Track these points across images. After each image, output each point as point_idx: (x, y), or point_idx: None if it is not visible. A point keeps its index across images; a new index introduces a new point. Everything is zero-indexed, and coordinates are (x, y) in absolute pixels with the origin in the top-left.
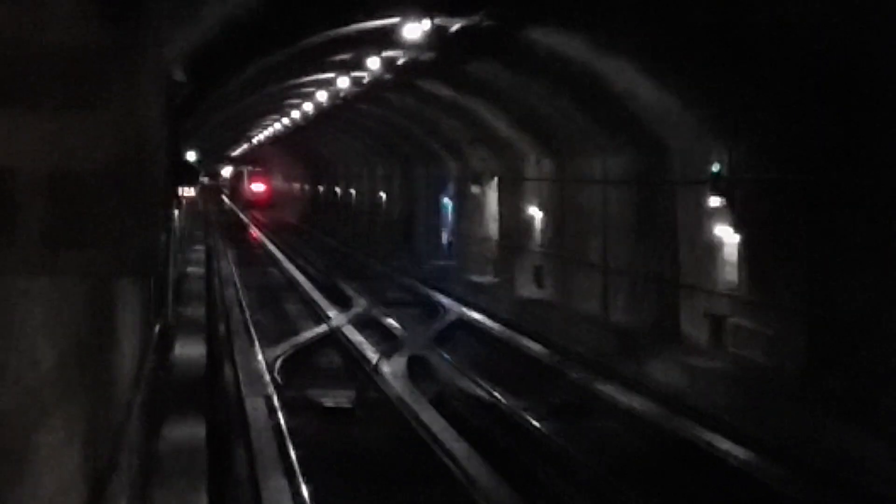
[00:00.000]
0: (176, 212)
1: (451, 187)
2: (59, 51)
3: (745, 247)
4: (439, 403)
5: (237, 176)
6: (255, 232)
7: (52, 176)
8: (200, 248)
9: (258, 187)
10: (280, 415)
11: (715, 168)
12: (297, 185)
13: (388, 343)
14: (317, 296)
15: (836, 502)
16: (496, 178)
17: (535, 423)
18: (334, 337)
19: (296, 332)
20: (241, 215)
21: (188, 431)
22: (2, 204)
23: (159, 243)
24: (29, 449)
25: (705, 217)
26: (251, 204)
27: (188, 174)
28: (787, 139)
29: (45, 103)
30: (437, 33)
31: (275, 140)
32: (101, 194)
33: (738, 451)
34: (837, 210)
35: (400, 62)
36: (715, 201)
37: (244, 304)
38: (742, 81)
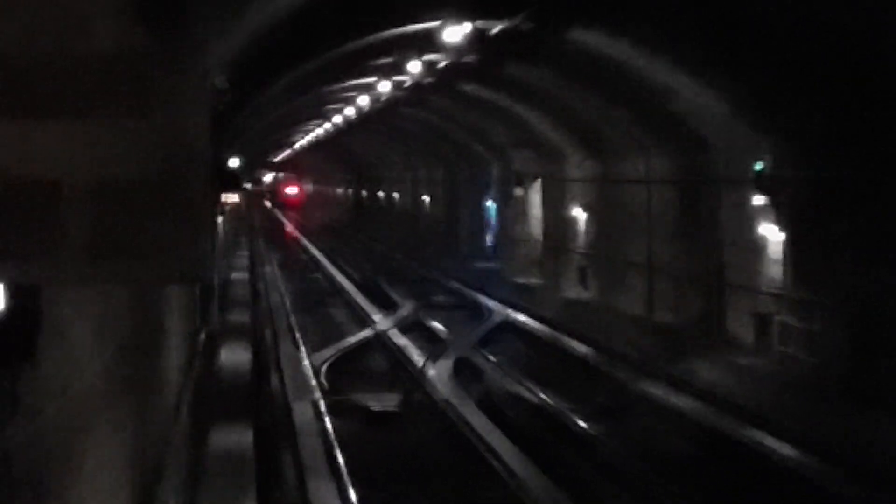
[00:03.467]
0: (220, 218)
1: (494, 189)
2: (103, 60)
3: (789, 245)
4: (486, 406)
5: (275, 181)
6: (298, 237)
7: (98, 185)
8: (244, 253)
9: (292, 190)
10: (326, 419)
11: (758, 166)
12: (339, 190)
13: (433, 346)
14: (361, 300)
15: (884, 498)
16: (539, 180)
17: (581, 423)
18: (380, 341)
19: (341, 337)
20: (285, 221)
21: (235, 437)
22: (49, 215)
23: (208, 253)
24: (77, 456)
25: (749, 215)
26: (286, 205)
27: (231, 181)
28: (831, 136)
29: (91, 113)
30: (478, 36)
31: (317, 145)
32: (147, 203)
33: (785, 449)
34: (883, 207)
35: (441, 65)
36: (759, 200)
37: (289, 308)
38: (785, 78)
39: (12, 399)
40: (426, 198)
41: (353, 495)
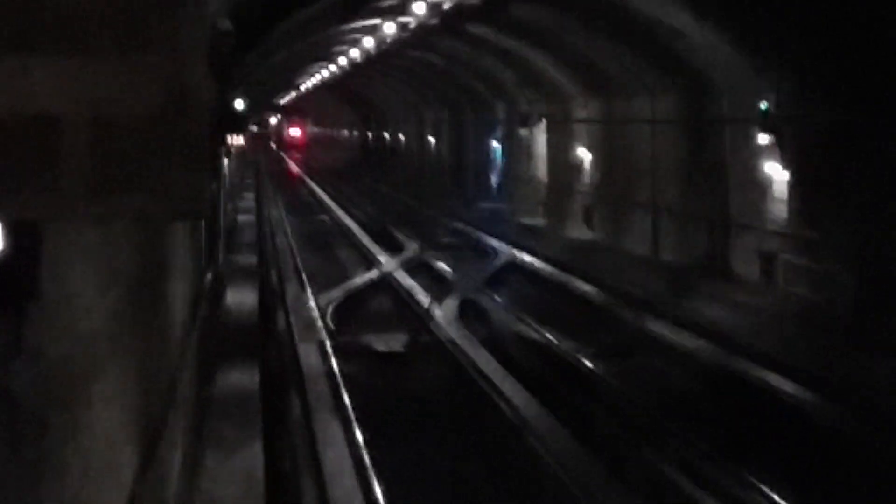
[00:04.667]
0: (225, 160)
1: (499, 130)
2: None
3: (794, 184)
4: (492, 346)
5: (280, 123)
6: (304, 179)
7: (98, 121)
8: (250, 195)
9: (295, 132)
10: (333, 360)
11: (763, 105)
12: (345, 132)
13: (439, 287)
14: (367, 241)
15: (882, 434)
16: (544, 121)
17: (587, 363)
18: (386, 282)
19: (347, 278)
20: (291, 163)
21: (242, 378)
22: (47, 152)
23: (208, 190)
24: (83, 397)
25: (754, 155)
26: (289, 146)
27: (236, 123)
28: (836, 74)
29: (90, 48)
30: None
31: (323, 87)
32: (146, 138)
33: (788, 386)
34: (888, 146)
35: (446, 6)
36: (764, 139)
37: (295, 250)
38: (790, 16)
39: (16, 339)
40: (432, 139)
41: (358, 435)
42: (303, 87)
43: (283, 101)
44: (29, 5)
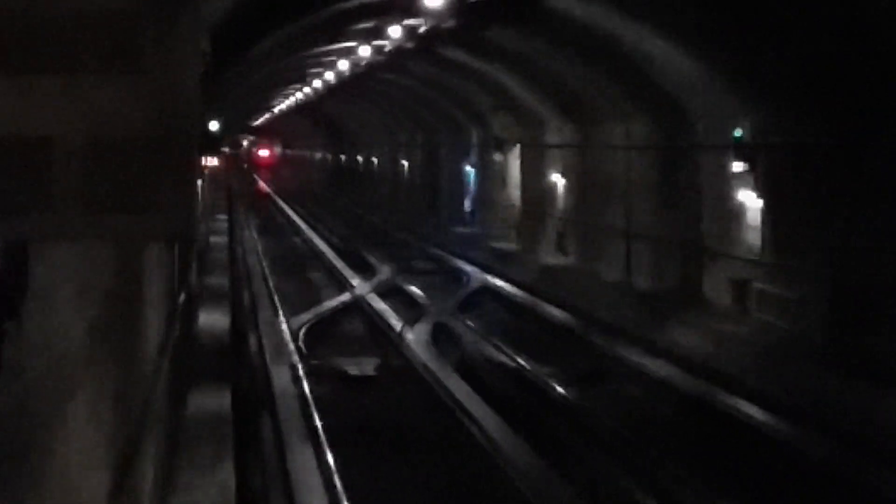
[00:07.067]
0: (199, 181)
1: (473, 155)
2: (96, 16)
3: (768, 211)
4: (464, 371)
5: (252, 144)
6: (277, 201)
7: (91, 142)
8: (223, 217)
9: (264, 153)
10: (305, 383)
11: (737, 132)
12: (318, 154)
13: (411, 311)
14: (339, 264)
15: (858, 461)
16: (518, 145)
17: (559, 389)
18: (358, 305)
19: (319, 301)
20: (263, 185)
21: (214, 400)
22: (40, 172)
23: (196, 209)
24: (58, 418)
25: (728, 182)
26: (259, 166)
27: (211, 144)
28: (810, 102)
29: (84, 69)
30: (459, 1)
31: (297, 109)
32: (139, 159)
33: (760, 414)
34: (861, 174)
35: (421, 30)
36: (738, 166)
37: (267, 273)
38: (763, 42)
39: None
40: (405, 163)
41: (329, 457)
42: (277, 109)
43: (257, 122)
44: (25, 26)
